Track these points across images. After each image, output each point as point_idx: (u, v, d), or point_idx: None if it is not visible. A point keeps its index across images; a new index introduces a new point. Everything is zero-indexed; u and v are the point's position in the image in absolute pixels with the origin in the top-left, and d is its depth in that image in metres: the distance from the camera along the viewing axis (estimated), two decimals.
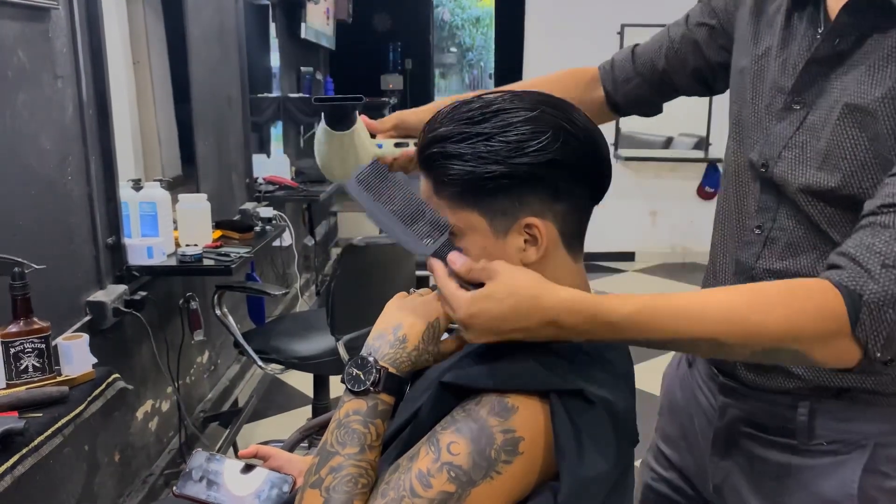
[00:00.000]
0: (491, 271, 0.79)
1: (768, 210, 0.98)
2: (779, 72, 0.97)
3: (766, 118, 0.98)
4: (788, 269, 0.96)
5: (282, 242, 3.21)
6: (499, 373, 0.80)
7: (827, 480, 0.96)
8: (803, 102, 0.93)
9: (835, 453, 0.96)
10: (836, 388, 0.95)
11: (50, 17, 1.75)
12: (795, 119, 0.94)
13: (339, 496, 0.76)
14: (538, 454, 0.77)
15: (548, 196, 0.83)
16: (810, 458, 0.97)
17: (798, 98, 0.94)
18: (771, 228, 0.97)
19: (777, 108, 0.96)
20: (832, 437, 0.96)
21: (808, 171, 0.91)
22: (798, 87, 0.94)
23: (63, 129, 1.81)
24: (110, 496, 2.12)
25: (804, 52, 0.93)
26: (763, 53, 1.00)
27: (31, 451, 1.25)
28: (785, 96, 0.95)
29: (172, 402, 2.52)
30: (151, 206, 2.17)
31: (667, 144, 5.75)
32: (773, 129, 0.97)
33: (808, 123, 0.93)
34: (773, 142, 0.96)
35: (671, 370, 1.23)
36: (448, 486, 0.74)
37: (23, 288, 1.40)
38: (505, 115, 0.81)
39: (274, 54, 4.05)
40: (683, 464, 1.16)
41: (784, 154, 0.94)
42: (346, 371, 0.82)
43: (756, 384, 1.01)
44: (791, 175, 0.93)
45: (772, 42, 0.99)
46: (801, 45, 0.94)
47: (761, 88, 0.99)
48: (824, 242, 0.92)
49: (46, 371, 1.42)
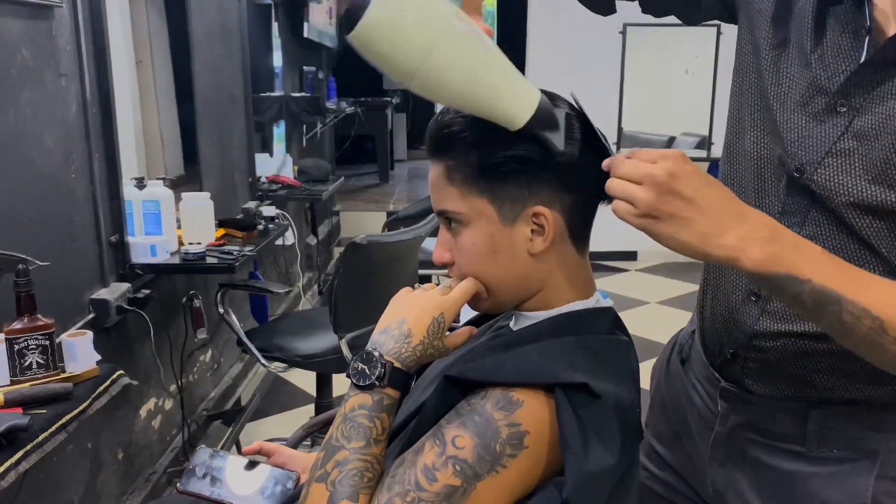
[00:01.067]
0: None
1: (795, 214, 0.90)
2: (817, 68, 0.88)
3: (801, 116, 0.89)
4: None
5: (284, 241, 3.22)
6: (504, 367, 0.80)
7: (838, 488, 0.93)
8: (849, 105, 0.85)
9: (845, 461, 0.93)
10: (845, 399, 0.92)
11: (54, 16, 1.75)
12: (840, 123, 0.86)
13: (344, 490, 0.76)
14: (543, 448, 0.77)
15: (557, 186, 0.83)
16: (820, 466, 0.94)
17: (844, 101, 0.85)
18: (798, 234, 0.88)
19: (817, 109, 0.88)
20: (843, 444, 0.93)
21: (858, 182, 0.84)
22: (846, 90, 0.85)
23: (67, 128, 1.82)
24: (113, 494, 2.13)
25: (846, 49, 0.86)
26: (783, 41, 0.93)
27: (36, 448, 1.25)
28: (827, 97, 0.87)
29: (175, 401, 2.52)
30: (155, 205, 2.17)
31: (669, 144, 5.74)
32: (811, 130, 0.88)
33: (855, 129, 0.85)
34: (812, 145, 0.87)
35: (660, 365, 1.20)
36: (453, 480, 0.74)
37: (27, 285, 1.40)
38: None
39: (276, 54, 4.05)
40: (678, 463, 1.13)
41: (827, 161, 0.86)
42: (351, 366, 0.82)
43: (762, 392, 0.97)
44: (837, 185, 0.85)
45: (798, 30, 0.91)
46: (840, 42, 0.87)
47: (787, 81, 0.91)
48: (864, 254, 0.86)
49: (50, 368, 1.43)
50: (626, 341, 0.90)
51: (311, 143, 4.94)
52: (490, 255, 0.85)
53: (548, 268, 0.87)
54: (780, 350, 0.94)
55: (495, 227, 0.84)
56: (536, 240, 0.84)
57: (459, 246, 0.87)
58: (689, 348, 1.12)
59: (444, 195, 0.86)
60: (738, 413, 1.01)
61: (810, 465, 0.95)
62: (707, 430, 1.05)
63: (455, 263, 0.89)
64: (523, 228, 0.84)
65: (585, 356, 0.82)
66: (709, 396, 1.05)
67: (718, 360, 1.03)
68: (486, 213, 0.84)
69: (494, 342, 0.90)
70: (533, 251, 0.85)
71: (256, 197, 3.35)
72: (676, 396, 1.13)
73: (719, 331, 1.01)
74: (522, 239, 0.84)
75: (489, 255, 0.85)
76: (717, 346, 1.03)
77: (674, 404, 1.14)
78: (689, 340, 1.13)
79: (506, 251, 0.85)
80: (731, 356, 1.00)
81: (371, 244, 2.23)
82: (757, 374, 0.98)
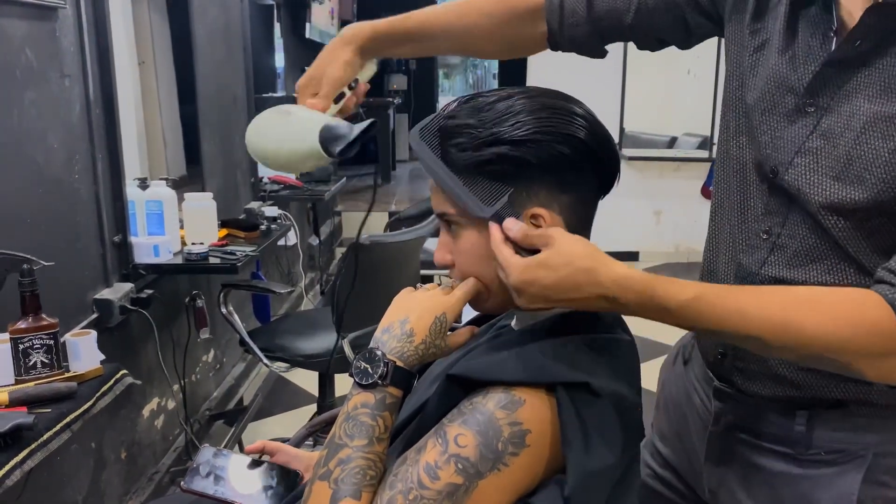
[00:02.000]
0: (547, 238, 0.79)
1: (776, 214, 0.92)
2: (787, 69, 0.90)
3: (773, 118, 0.91)
4: (796, 278, 0.90)
5: (287, 241, 3.22)
6: (506, 366, 0.81)
7: (825, 491, 0.93)
8: (817, 105, 0.87)
9: (833, 463, 0.93)
10: (832, 399, 0.93)
11: (57, 17, 1.76)
12: (809, 122, 0.87)
13: (347, 488, 0.76)
14: (545, 447, 0.78)
15: (555, 187, 0.84)
16: (808, 468, 0.95)
17: (811, 100, 0.87)
18: (779, 234, 0.92)
19: (787, 110, 0.90)
20: (830, 446, 0.93)
21: (824, 180, 0.85)
22: (813, 89, 0.87)
23: (70, 128, 1.82)
24: (116, 493, 2.13)
25: (816, 50, 0.88)
26: (761, 45, 0.94)
27: (41, 446, 1.25)
28: (796, 97, 0.88)
29: (178, 400, 2.53)
30: (158, 205, 2.18)
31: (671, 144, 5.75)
32: (783, 131, 0.90)
33: (822, 128, 0.86)
34: (783, 146, 0.89)
35: (667, 366, 1.21)
36: (455, 478, 0.75)
37: (31, 284, 1.40)
38: (514, 105, 0.83)
39: (279, 54, 4.06)
40: (678, 462, 1.14)
41: (797, 161, 0.88)
42: (354, 364, 0.83)
43: (752, 391, 0.98)
44: (806, 184, 0.87)
45: (772, 34, 0.93)
46: (810, 43, 0.89)
47: (762, 83, 0.93)
48: (837, 254, 0.87)
49: (55, 367, 1.43)
50: (627, 340, 0.90)
51: None
52: (490, 256, 0.86)
53: None
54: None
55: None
56: None
57: (459, 247, 0.88)
58: (692, 349, 1.13)
59: (443, 198, 0.87)
60: (731, 413, 1.02)
61: (798, 467, 0.95)
62: (704, 429, 1.06)
63: (456, 265, 0.89)
64: None
65: (587, 355, 0.83)
66: (706, 396, 1.06)
67: (711, 359, 1.04)
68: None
69: (496, 341, 0.90)
70: None
71: (259, 197, 3.36)
72: (678, 397, 1.14)
73: None
74: None
75: (489, 257, 0.85)
76: (710, 346, 1.04)
77: (676, 404, 1.14)
78: (692, 341, 1.13)
79: None
80: (721, 355, 1.01)
81: (374, 244, 2.24)
82: (745, 374, 0.99)
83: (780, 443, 0.97)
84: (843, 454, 0.93)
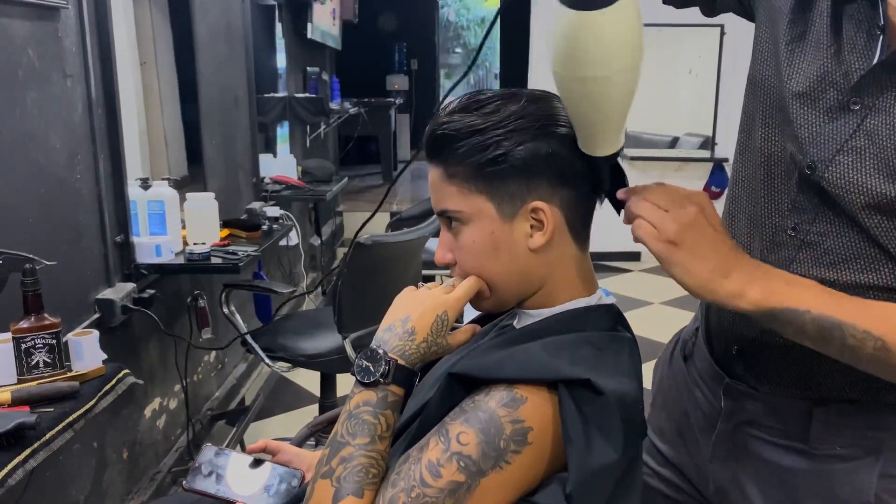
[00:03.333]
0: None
1: (805, 211, 0.90)
2: (832, 64, 0.88)
3: (813, 113, 0.89)
4: (826, 278, 0.88)
5: (288, 242, 3.22)
6: (507, 364, 0.81)
7: (841, 486, 0.93)
8: (862, 104, 0.85)
9: (848, 458, 0.92)
10: (849, 398, 0.92)
11: (60, 17, 1.76)
12: (853, 121, 0.85)
13: (349, 486, 0.76)
14: (547, 444, 0.78)
15: (555, 180, 0.84)
16: (823, 464, 0.94)
17: (857, 98, 0.85)
18: (808, 232, 0.89)
19: (829, 105, 0.87)
20: (846, 441, 0.93)
21: (869, 181, 0.84)
22: (860, 88, 0.85)
23: (72, 128, 1.83)
24: (119, 493, 2.13)
25: (861, 47, 0.86)
26: (799, 36, 0.92)
27: (43, 446, 1.25)
28: (840, 94, 0.86)
29: (180, 401, 2.53)
30: (160, 205, 2.18)
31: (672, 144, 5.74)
32: (823, 127, 0.87)
33: (867, 127, 0.84)
34: (824, 142, 0.87)
35: (663, 362, 1.20)
36: (458, 476, 0.75)
37: (34, 284, 1.41)
38: (510, 101, 0.84)
39: (280, 54, 4.06)
40: (680, 461, 1.13)
41: (838, 158, 0.86)
42: (355, 363, 0.83)
43: (767, 388, 0.98)
44: (848, 182, 0.85)
45: (813, 26, 0.91)
46: (855, 40, 0.87)
47: (802, 76, 0.91)
48: (873, 253, 0.86)
49: (57, 366, 1.43)
50: (629, 338, 0.90)
51: (314, 144, 4.95)
52: (491, 251, 0.86)
53: (548, 263, 0.88)
54: (786, 348, 0.94)
55: (495, 224, 0.85)
56: (536, 235, 0.85)
57: (460, 244, 0.88)
58: (693, 346, 1.12)
59: (443, 195, 0.87)
60: (742, 410, 1.01)
61: (813, 463, 0.95)
62: (709, 427, 1.05)
63: (457, 263, 0.90)
64: (523, 224, 0.85)
65: (588, 352, 0.83)
66: (711, 394, 1.06)
67: (724, 357, 1.03)
68: (486, 211, 0.85)
69: (498, 340, 0.90)
70: (533, 246, 0.86)
71: (260, 197, 3.36)
72: (678, 394, 1.13)
73: (726, 328, 1.02)
74: (522, 235, 0.86)
75: (490, 252, 0.86)
76: (723, 344, 1.03)
77: (676, 402, 1.14)
78: (692, 338, 1.13)
79: (506, 247, 0.86)
80: (738, 353, 1.00)
81: (375, 244, 2.24)
82: (763, 372, 0.98)
83: (794, 438, 0.96)
84: (859, 449, 0.92)
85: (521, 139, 0.82)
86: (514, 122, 0.83)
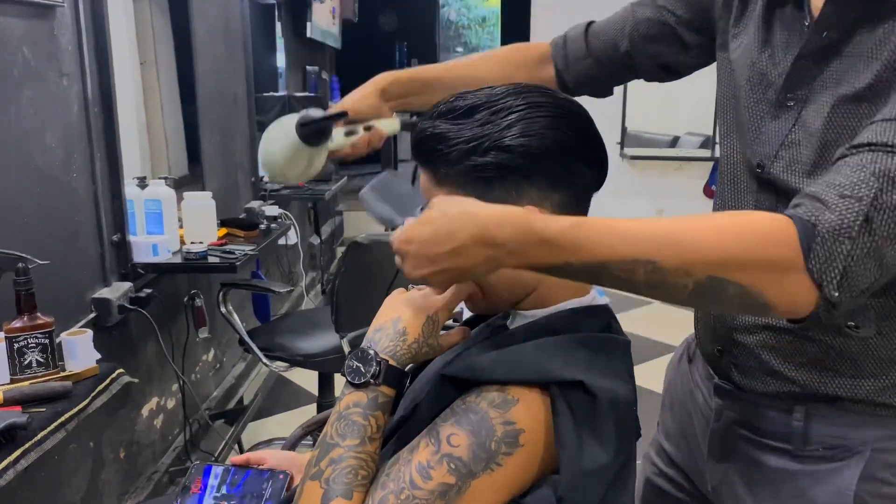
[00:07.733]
0: (430, 204, 0.77)
1: (766, 208, 0.93)
2: (767, 65, 0.93)
3: (758, 113, 0.94)
4: None
5: (287, 241, 3.22)
6: (499, 365, 0.80)
7: (823, 487, 0.93)
8: (796, 98, 0.89)
9: (831, 459, 0.93)
10: (828, 395, 0.93)
11: (55, 15, 1.75)
12: (790, 116, 0.90)
13: (338, 487, 0.76)
14: (539, 446, 0.77)
15: (545, 184, 0.83)
16: (806, 464, 0.95)
17: (791, 94, 0.90)
18: None
19: (770, 104, 0.92)
20: (828, 442, 0.93)
21: (807, 170, 0.87)
22: (790, 83, 0.89)
23: (68, 127, 1.82)
24: (115, 493, 2.13)
25: (792, 45, 0.90)
26: (745, 44, 0.97)
27: (35, 446, 1.25)
28: (777, 92, 0.91)
29: (177, 400, 2.53)
30: (157, 204, 2.17)
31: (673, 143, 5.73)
32: (767, 125, 0.92)
33: (803, 120, 0.88)
34: (768, 140, 0.92)
35: (673, 364, 1.21)
36: (448, 478, 0.74)
37: (26, 283, 1.40)
38: (497, 104, 0.83)
39: (280, 53, 4.05)
40: (683, 461, 1.15)
41: (781, 153, 0.90)
42: (346, 363, 0.82)
43: (749, 387, 0.99)
44: (791, 175, 0.88)
45: (753, 32, 0.96)
46: (787, 39, 0.91)
47: (745, 81, 0.96)
48: None
49: (50, 366, 1.43)
50: (622, 339, 0.90)
51: None
52: None
53: None
54: (760, 344, 0.96)
55: None
56: None
57: None
58: (696, 347, 1.13)
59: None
60: (730, 410, 1.02)
61: (797, 463, 0.96)
62: (706, 426, 1.07)
63: None
64: None
65: (581, 354, 0.82)
66: (707, 393, 1.07)
67: (710, 355, 1.05)
68: None
69: (490, 341, 0.89)
70: None
71: (259, 196, 3.35)
72: (683, 395, 1.15)
73: (709, 327, 1.04)
74: None
75: None
76: (709, 344, 1.05)
77: (680, 403, 1.15)
78: (695, 340, 1.14)
79: None
80: (719, 352, 1.02)
81: (373, 243, 2.23)
82: (742, 370, 0.99)
83: (778, 439, 0.97)
84: (841, 450, 0.93)
85: (511, 142, 0.81)
86: (498, 125, 0.81)
